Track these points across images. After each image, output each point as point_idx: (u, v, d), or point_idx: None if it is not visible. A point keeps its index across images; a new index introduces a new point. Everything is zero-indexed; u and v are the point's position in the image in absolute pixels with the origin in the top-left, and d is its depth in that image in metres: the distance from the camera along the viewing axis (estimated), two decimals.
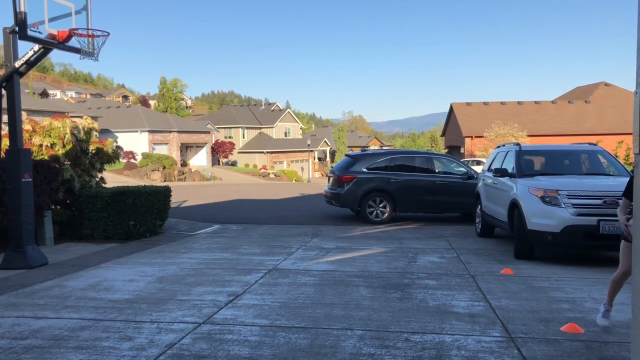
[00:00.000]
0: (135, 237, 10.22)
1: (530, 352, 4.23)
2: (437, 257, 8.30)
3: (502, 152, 10.35)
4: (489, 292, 6.12)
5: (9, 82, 7.71)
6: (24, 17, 7.30)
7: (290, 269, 7.45)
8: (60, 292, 6.18)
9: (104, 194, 10.12)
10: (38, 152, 10.22)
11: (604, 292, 6.06)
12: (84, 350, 4.25)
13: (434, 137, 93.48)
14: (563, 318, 5.10)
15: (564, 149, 10.19)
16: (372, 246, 9.37)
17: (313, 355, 4.15)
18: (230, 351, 4.23)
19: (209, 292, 6.15)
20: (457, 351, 4.24)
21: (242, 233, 11.18)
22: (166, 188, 11.09)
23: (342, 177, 12.95)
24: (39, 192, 8.87)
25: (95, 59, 8.19)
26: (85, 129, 11.13)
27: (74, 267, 7.58)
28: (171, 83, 73.44)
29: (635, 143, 2.62)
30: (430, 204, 12.93)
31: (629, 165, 20.31)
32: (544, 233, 7.61)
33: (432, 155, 13.86)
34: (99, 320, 5.04)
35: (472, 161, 32.20)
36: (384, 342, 4.45)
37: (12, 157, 7.75)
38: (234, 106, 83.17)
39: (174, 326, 4.87)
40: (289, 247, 9.31)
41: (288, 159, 63.32)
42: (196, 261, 8.06)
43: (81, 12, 8.27)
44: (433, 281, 6.67)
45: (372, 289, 6.24)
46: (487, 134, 37.23)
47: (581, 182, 8.00)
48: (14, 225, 7.75)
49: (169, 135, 48.33)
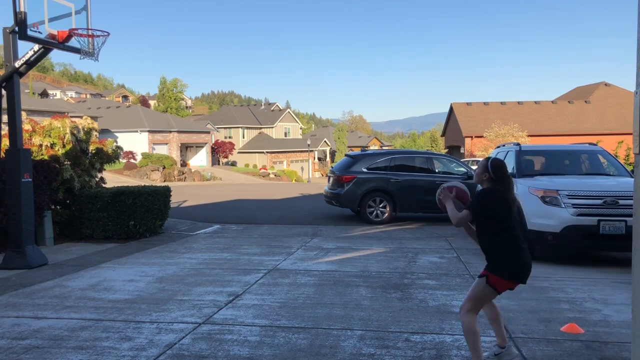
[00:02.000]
0: (135, 237, 10.22)
1: (531, 352, 4.23)
2: (437, 257, 8.30)
3: (502, 152, 10.35)
4: None
5: (9, 82, 7.71)
6: (24, 17, 7.30)
7: (290, 269, 7.45)
8: (60, 292, 6.17)
9: (104, 194, 10.11)
10: (38, 152, 10.22)
11: (604, 292, 6.09)
12: (84, 351, 4.25)
13: (434, 137, 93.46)
14: (563, 318, 5.10)
15: (564, 149, 10.19)
16: (372, 246, 9.37)
17: (313, 355, 4.15)
18: (230, 351, 4.23)
19: (209, 292, 6.15)
20: (457, 351, 4.24)
21: (242, 233, 11.18)
22: (166, 188, 11.09)
23: (342, 177, 12.95)
24: (39, 192, 8.88)
25: (95, 58, 8.19)
26: (85, 129, 11.14)
27: (74, 267, 7.58)
28: (171, 83, 73.47)
29: (635, 143, 2.62)
30: (430, 204, 12.89)
31: (629, 165, 20.31)
32: (544, 233, 7.61)
33: (432, 155, 13.86)
34: (99, 320, 5.04)
35: (472, 161, 32.20)
36: (384, 342, 4.45)
37: (12, 157, 7.75)
38: (234, 106, 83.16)
39: (174, 326, 4.87)
40: (289, 247, 9.31)
41: (288, 159, 63.30)
42: (196, 261, 8.06)
43: (81, 12, 8.27)
44: (433, 281, 6.67)
45: (372, 289, 6.24)
46: (487, 134, 37.21)
47: (581, 182, 8.00)
48: (14, 225, 7.75)
49: (169, 135, 48.33)
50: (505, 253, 3.74)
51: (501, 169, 3.82)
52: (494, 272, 3.75)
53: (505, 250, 3.75)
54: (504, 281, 3.73)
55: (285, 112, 73.95)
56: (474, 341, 3.72)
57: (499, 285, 3.74)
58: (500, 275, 3.73)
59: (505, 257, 3.74)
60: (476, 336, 3.73)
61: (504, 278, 3.73)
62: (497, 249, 3.78)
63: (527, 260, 3.78)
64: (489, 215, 3.77)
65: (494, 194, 3.80)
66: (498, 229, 3.77)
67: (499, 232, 3.77)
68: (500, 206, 3.76)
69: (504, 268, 3.72)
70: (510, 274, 3.72)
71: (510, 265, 3.72)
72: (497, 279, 3.73)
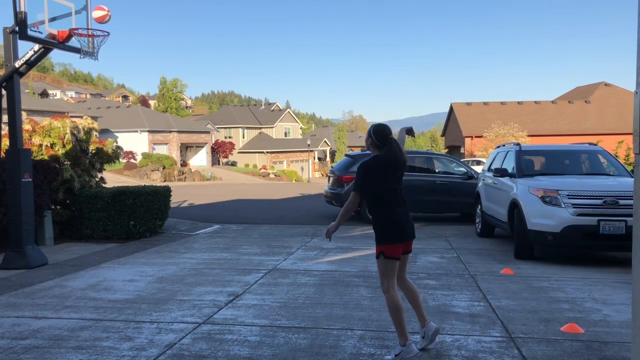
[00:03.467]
0: (135, 237, 10.22)
1: (531, 352, 4.23)
2: (437, 257, 8.30)
3: (502, 152, 10.35)
4: (489, 292, 6.12)
5: (9, 82, 7.71)
6: (24, 17, 7.30)
7: (290, 269, 7.45)
8: (60, 292, 6.17)
9: (104, 194, 10.11)
10: (38, 152, 10.22)
11: (604, 292, 6.09)
12: (84, 350, 4.25)
13: (434, 137, 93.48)
14: (563, 318, 5.09)
15: (564, 149, 10.19)
16: (372, 246, 9.32)
17: (313, 355, 4.15)
18: (230, 351, 4.23)
19: (209, 292, 6.15)
20: (457, 351, 4.23)
21: (242, 233, 11.18)
22: (166, 188, 11.09)
23: (342, 177, 12.95)
24: (39, 192, 8.88)
25: (95, 58, 8.19)
26: (85, 129, 11.13)
27: (74, 267, 7.58)
28: (171, 83, 73.47)
29: (635, 143, 2.62)
30: (430, 204, 12.93)
31: (629, 165, 20.31)
32: (544, 233, 7.61)
33: (432, 155, 13.86)
34: (99, 320, 5.04)
35: (472, 161, 32.19)
36: (384, 342, 4.45)
37: (12, 157, 7.75)
38: (234, 106, 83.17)
39: (174, 326, 4.87)
40: (289, 247, 9.31)
41: (288, 159, 63.30)
42: (196, 261, 8.06)
43: (81, 12, 8.27)
44: (433, 281, 6.67)
45: (372, 289, 6.24)
46: (487, 134, 37.22)
47: (581, 182, 7.99)
48: (13, 225, 7.75)
49: (169, 135, 48.33)
50: (384, 220, 4.00)
51: (381, 133, 4.03)
52: (382, 242, 4.01)
53: (383, 217, 4.01)
54: (394, 245, 3.99)
55: (285, 112, 73.95)
56: (398, 317, 3.95)
57: (393, 252, 3.99)
58: (387, 242, 3.98)
59: (385, 223, 4.00)
60: (400, 312, 3.94)
61: (392, 242, 3.98)
62: (377, 218, 4.04)
63: (403, 219, 4.03)
64: (368, 187, 4.02)
65: (368, 163, 4.03)
66: (375, 198, 4.03)
67: (376, 200, 4.03)
68: (375, 174, 3.98)
69: (387, 234, 3.98)
70: (394, 237, 3.98)
71: (390, 229, 3.98)
72: (387, 247, 3.99)
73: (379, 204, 4.02)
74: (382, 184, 3.98)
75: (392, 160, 3.98)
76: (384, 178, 3.97)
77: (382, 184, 3.98)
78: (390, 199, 4.00)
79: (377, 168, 3.98)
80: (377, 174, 3.97)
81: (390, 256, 3.97)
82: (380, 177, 3.97)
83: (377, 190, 3.99)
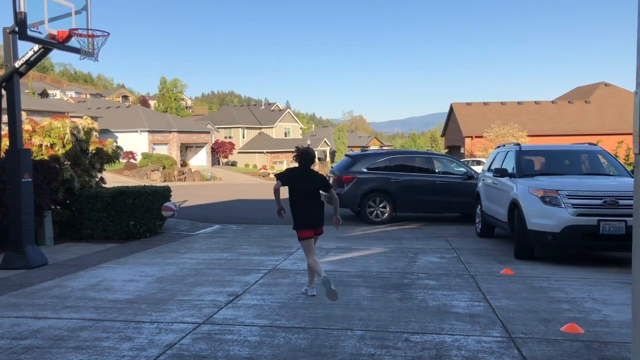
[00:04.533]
0: (135, 237, 10.22)
1: (530, 352, 4.23)
2: (437, 257, 8.30)
3: (502, 152, 10.35)
4: (489, 292, 6.12)
5: (9, 82, 7.71)
6: (24, 17, 7.30)
7: (290, 269, 7.45)
8: (60, 292, 6.17)
9: (104, 194, 10.12)
10: (38, 152, 10.22)
11: (604, 292, 6.09)
12: (84, 351, 4.25)
13: (434, 137, 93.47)
14: (563, 318, 5.09)
15: (564, 149, 10.19)
16: (372, 246, 9.37)
17: (313, 355, 4.15)
18: (230, 351, 4.23)
19: (209, 292, 6.15)
20: (457, 351, 4.23)
21: (242, 233, 11.18)
22: (166, 188, 11.09)
23: (342, 177, 12.95)
24: (39, 192, 8.87)
25: (95, 59, 8.19)
26: (85, 129, 11.13)
27: (74, 267, 7.58)
28: (171, 83, 73.43)
29: (635, 143, 2.62)
30: (430, 204, 12.93)
31: (629, 165, 20.32)
32: (544, 233, 7.61)
33: (432, 156, 13.87)
34: (99, 321, 5.04)
35: (472, 161, 32.20)
36: (384, 342, 4.45)
37: (12, 157, 7.75)
38: (234, 106, 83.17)
39: (174, 326, 4.87)
40: (289, 247, 9.31)
41: (288, 159, 63.21)
42: (196, 261, 8.06)
43: (81, 12, 8.27)
44: (433, 281, 6.67)
45: (372, 289, 6.24)
46: (487, 134, 37.23)
47: (581, 182, 7.99)
48: (13, 225, 7.75)
49: (169, 136, 48.32)
50: (296, 212, 5.76)
51: (299, 156, 5.82)
52: (297, 228, 5.79)
53: (295, 210, 5.76)
54: (305, 231, 5.75)
55: (285, 112, 73.95)
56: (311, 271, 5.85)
57: (305, 234, 5.75)
58: (300, 228, 5.75)
59: (296, 215, 5.76)
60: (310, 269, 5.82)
61: (303, 228, 5.74)
62: (292, 210, 5.78)
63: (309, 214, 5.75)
64: (287, 185, 5.75)
65: (289, 170, 6.02)
66: (291, 195, 5.78)
67: (291, 197, 5.78)
68: (290, 179, 5.80)
69: (299, 222, 5.76)
70: (304, 225, 5.75)
71: (300, 219, 5.75)
72: (300, 232, 5.76)
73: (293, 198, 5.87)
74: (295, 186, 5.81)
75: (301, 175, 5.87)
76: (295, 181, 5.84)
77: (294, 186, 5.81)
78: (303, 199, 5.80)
79: (292, 175, 5.92)
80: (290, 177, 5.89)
81: (304, 237, 5.77)
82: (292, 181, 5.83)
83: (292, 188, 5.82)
